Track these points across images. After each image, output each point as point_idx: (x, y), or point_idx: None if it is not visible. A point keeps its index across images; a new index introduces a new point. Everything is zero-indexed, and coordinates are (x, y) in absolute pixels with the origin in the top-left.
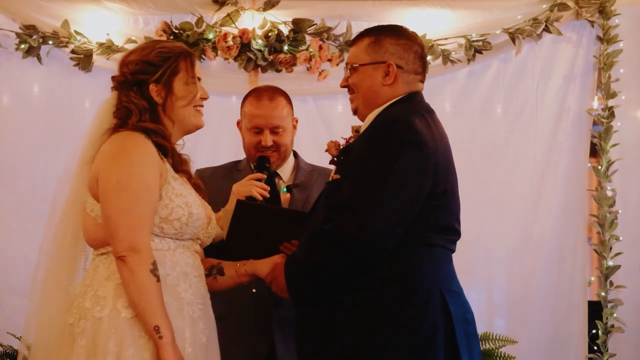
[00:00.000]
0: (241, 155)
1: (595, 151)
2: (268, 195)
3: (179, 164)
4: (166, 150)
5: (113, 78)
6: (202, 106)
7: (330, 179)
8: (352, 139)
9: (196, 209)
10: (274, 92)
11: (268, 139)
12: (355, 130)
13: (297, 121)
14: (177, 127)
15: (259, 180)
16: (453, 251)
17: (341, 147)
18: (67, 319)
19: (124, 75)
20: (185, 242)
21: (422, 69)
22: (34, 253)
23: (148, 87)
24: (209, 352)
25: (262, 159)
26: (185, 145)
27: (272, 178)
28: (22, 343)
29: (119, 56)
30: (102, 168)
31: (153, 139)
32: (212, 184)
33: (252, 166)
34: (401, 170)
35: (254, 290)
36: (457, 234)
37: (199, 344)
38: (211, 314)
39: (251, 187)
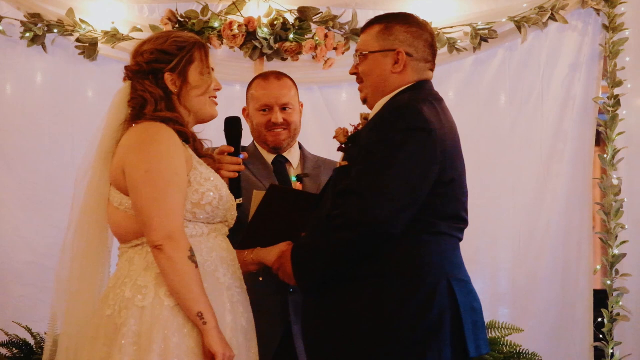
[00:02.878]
0: (246, 143)
1: (600, 140)
2: (243, 168)
3: (201, 149)
4: (187, 137)
5: (126, 68)
6: (216, 97)
7: (338, 165)
8: (361, 126)
9: (225, 192)
10: (280, 74)
11: (278, 116)
12: (364, 117)
13: (302, 106)
14: (193, 116)
15: (230, 153)
16: (460, 239)
17: (349, 134)
18: (104, 311)
19: (139, 65)
20: (216, 225)
21: (432, 57)
22: (39, 241)
23: (163, 76)
24: (248, 335)
25: (230, 122)
26: (199, 128)
27: (283, 165)
28: (47, 336)
29: (124, 45)
30: (128, 161)
31: (172, 127)
32: None
33: (259, 151)
34: (409, 157)
35: (260, 279)
36: (464, 222)
37: (240, 328)
38: (247, 297)
39: (222, 172)
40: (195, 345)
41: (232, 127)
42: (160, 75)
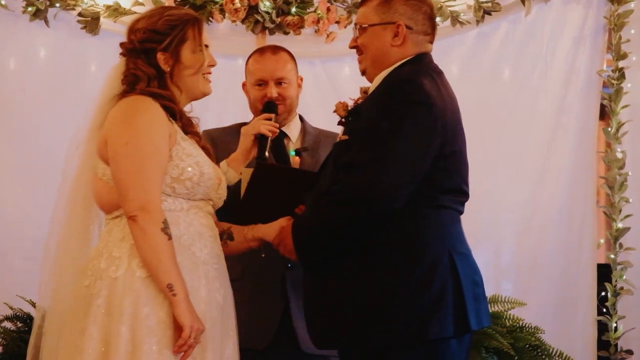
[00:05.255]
0: (248, 118)
1: (605, 113)
2: (277, 132)
3: (188, 126)
4: (174, 112)
5: (121, 45)
6: (210, 73)
7: (338, 139)
8: (361, 100)
9: (207, 169)
10: (276, 48)
11: (273, 91)
12: (364, 91)
13: (302, 79)
14: (185, 95)
15: (268, 120)
16: (461, 212)
17: (349, 108)
18: (83, 281)
19: (132, 43)
20: (198, 202)
21: (432, 30)
22: (42, 216)
23: (156, 56)
24: (224, 311)
25: (269, 102)
26: (193, 109)
27: (281, 140)
28: (37, 310)
29: (126, 19)
30: (111, 131)
31: (160, 102)
32: (221, 144)
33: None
34: (409, 130)
35: (263, 255)
36: (465, 196)
37: (214, 303)
38: (226, 274)
39: (259, 124)
40: (167, 317)
41: (272, 105)
42: (153, 54)
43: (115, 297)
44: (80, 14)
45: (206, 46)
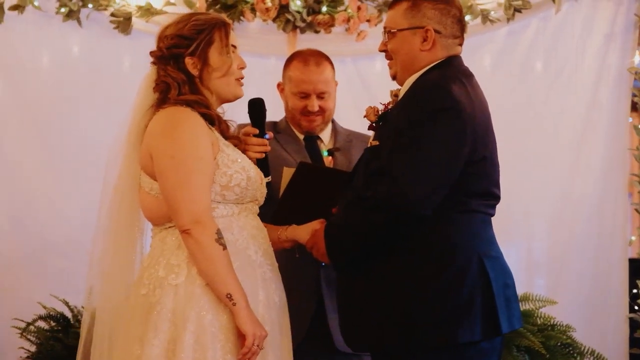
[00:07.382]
0: (281, 116)
1: (636, 109)
2: (269, 149)
3: (227, 131)
4: (212, 119)
5: (151, 53)
6: (242, 77)
7: (369, 145)
8: (391, 104)
9: (253, 172)
10: (320, 57)
11: (315, 104)
12: (394, 94)
13: (337, 84)
14: (216, 97)
15: (255, 134)
16: (492, 215)
17: (380, 112)
18: (140, 290)
19: (161, 50)
20: (247, 204)
21: (461, 33)
22: (76, 215)
23: (184, 61)
24: (281, 311)
25: (253, 104)
26: (225, 107)
27: (314, 141)
28: (83, 320)
29: (158, 19)
30: (154, 146)
31: (197, 110)
32: None
33: (290, 126)
34: (439, 137)
35: (297, 256)
36: (496, 199)
37: (272, 305)
38: (279, 274)
39: (249, 149)
40: (228, 322)
41: (256, 109)
42: (181, 59)
43: (178, 305)
44: (112, 14)
45: (234, 47)
